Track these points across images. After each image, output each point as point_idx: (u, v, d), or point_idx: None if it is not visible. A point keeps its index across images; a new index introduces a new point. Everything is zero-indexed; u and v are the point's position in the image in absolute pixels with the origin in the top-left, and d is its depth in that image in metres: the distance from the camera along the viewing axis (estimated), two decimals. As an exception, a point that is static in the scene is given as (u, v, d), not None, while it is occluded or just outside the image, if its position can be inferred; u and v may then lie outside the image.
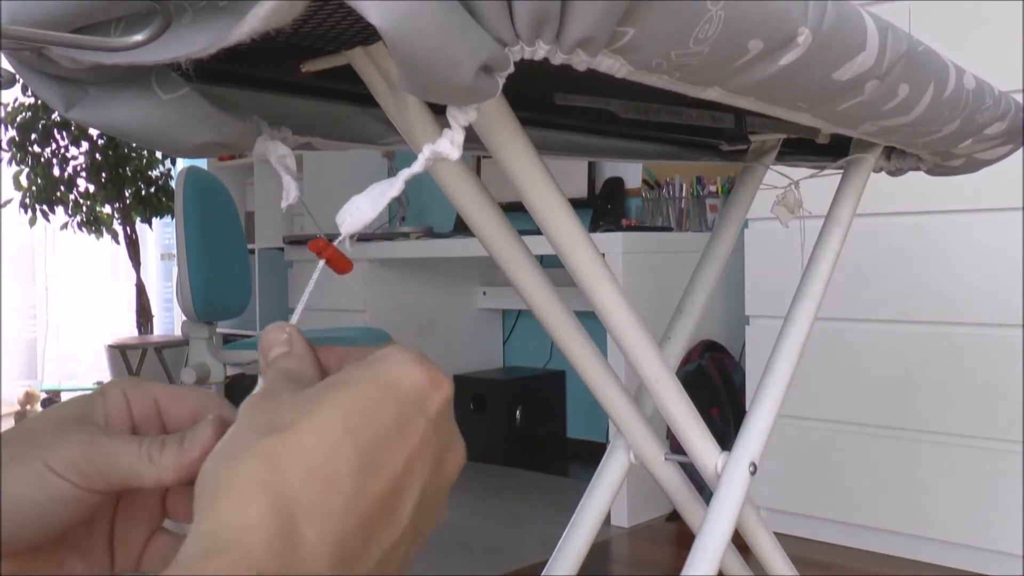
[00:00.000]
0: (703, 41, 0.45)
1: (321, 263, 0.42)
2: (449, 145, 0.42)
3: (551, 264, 1.09)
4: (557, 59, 0.40)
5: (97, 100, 0.51)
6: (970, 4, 1.95)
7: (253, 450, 0.30)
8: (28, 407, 4.54)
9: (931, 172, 0.96)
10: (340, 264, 0.43)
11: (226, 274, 2.64)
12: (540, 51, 0.39)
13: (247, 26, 0.37)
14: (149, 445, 0.39)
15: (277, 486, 0.30)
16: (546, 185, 0.57)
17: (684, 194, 2.87)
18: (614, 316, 0.66)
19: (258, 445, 0.31)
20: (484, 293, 3.33)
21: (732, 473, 0.77)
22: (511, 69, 0.38)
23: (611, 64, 0.44)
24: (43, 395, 4.65)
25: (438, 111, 0.57)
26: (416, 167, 0.42)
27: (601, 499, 0.85)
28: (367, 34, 0.52)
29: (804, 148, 0.99)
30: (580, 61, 0.42)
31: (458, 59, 0.35)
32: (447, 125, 0.55)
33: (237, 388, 2.89)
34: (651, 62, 0.45)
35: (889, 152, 0.94)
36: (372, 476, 0.32)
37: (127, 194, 3.92)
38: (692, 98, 0.77)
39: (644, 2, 0.41)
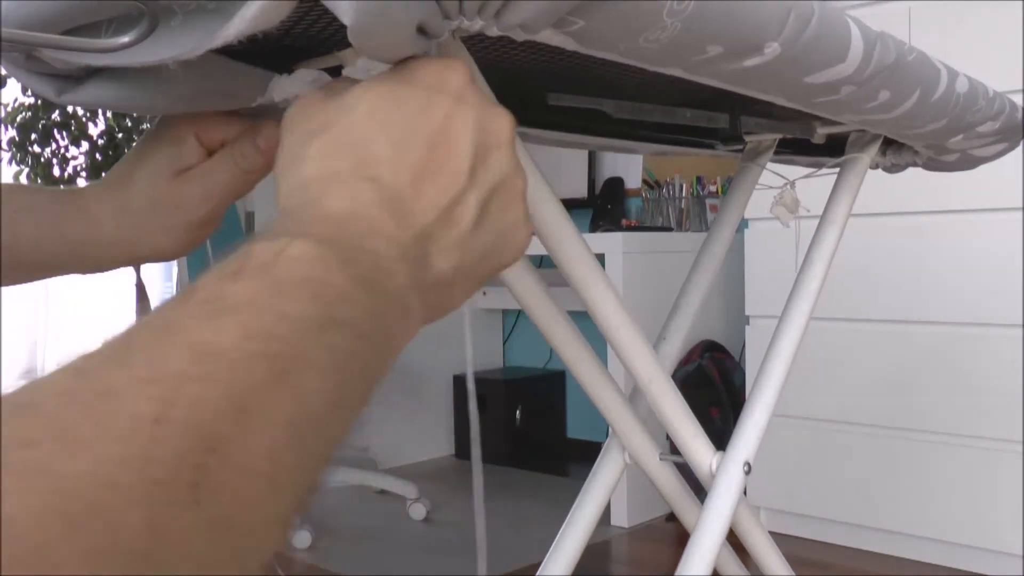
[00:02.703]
0: (654, 41, 0.46)
1: None
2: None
3: (550, 264, 1.09)
4: (493, 33, 0.42)
5: (89, 84, 0.51)
6: (970, 4, 1.95)
7: (309, 155, 0.38)
8: (29, 407, 4.54)
9: (927, 167, 0.96)
10: None
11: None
12: (476, 25, 0.42)
13: (234, 28, 0.37)
14: (240, 156, 0.56)
15: (329, 174, 0.37)
16: (538, 185, 0.57)
17: (684, 194, 2.87)
18: (607, 316, 0.66)
19: (311, 148, 0.38)
20: (484, 293, 3.33)
21: (726, 473, 0.77)
22: (445, 36, 0.41)
23: (561, 40, 0.45)
24: (44, 395, 4.65)
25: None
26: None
27: (596, 500, 0.85)
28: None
29: (801, 147, 0.99)
30: (520, 36, 0.43)
31: (399, 19, 0.38)
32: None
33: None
34: (600, 47, 0.46)
35: (885, 148, 0.94)
36: (406, 148, 0.38)
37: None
38: (687, 98, 0.77)
39: (592, 3, 0.42)
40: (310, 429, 0.27)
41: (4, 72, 0.52)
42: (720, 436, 0.75)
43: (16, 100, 3.73)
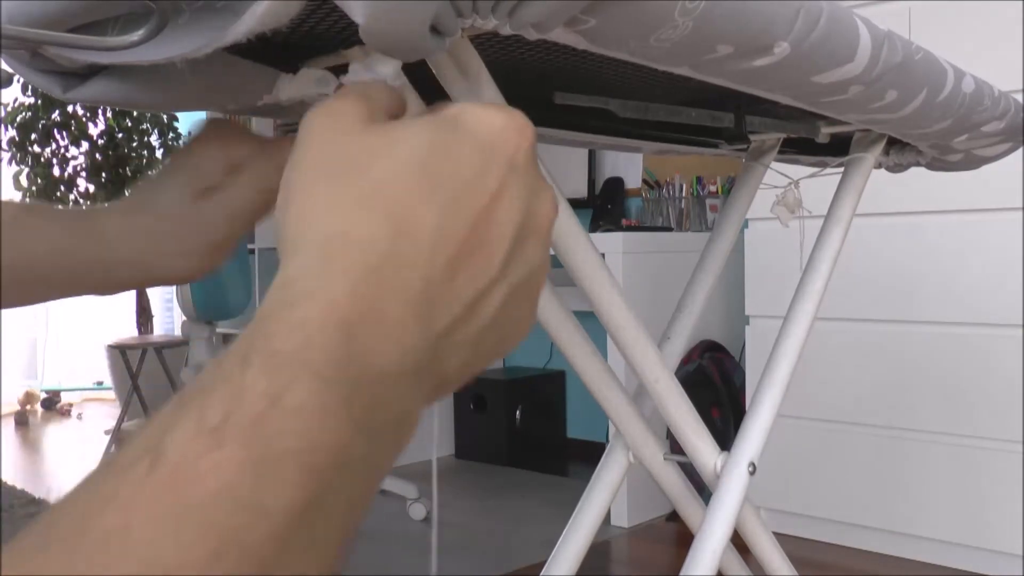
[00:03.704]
0: (665, 40, 0.46)
1: None
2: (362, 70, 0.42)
3: (553, 264, 1.08)
4: (506, 31, 0.41)
5: (94, 80, 0.51)
6: (970, 4, 1.95)
7: (326, 198, 0.31)
8: (28, 407, 4.54)
9: (931, 167, 0.96)
10: None
11: (226, 274, 2.64)
12: (489, 23, 0.40)
13: (244, 26, 0.37)
14: (259, 176, 0.54)
15: (356, 237, 0.30)
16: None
17: (684, 194, 2.87)
18: (613, 316, 0.66)
19: (331, 191, 0.31)
20: (484, 293, 3.33)
21: (731, 473, 0.76)
22: (458, 35, 0.40)
23: (572, 39, 0.45)
24: (43, 395, 4.65)
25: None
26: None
27: (600, 499, 0.85)
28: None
29: (804, 146, 0.99)
30: (532, 35, 0.42)
31: (412, 18, 0.36)
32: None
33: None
34: (610, 46, 0.46)
35: (889, 148, 0.93)
36: (452, 221, 0.31)
37: (127, 194, 3.92)
38: (692, 97, 0.77)
39: (605, 2, 0.42)
40: None
41: (9, 70, 0.52)
42: (721, 436, 0.75)
43: (16, 100, 3.73)
